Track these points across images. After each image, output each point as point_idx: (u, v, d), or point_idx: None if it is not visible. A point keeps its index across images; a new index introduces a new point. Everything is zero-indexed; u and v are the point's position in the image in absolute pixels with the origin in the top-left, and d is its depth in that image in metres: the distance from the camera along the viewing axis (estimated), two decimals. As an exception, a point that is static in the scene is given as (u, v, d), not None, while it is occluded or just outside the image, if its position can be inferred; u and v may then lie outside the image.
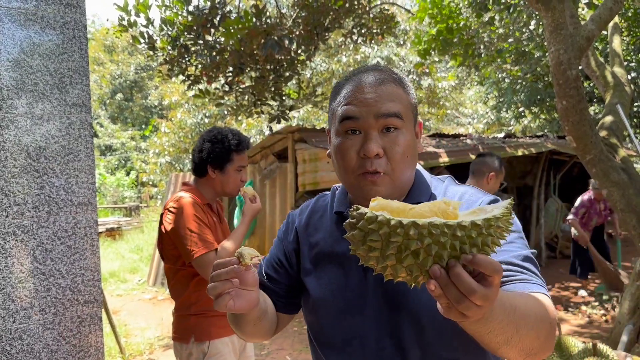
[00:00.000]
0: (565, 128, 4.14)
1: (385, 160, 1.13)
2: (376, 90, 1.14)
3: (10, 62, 1.84)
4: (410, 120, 1.17)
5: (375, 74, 1.18)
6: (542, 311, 0.95)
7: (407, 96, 1.18)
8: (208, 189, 2.63)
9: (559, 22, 3.87)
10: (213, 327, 2.48)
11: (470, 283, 0.73)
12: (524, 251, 1.08)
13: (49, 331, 1.93)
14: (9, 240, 1.82)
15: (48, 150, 1.90)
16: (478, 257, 0.73)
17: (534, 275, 1.05)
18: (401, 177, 1.15)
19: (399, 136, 1.14)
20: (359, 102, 1.13)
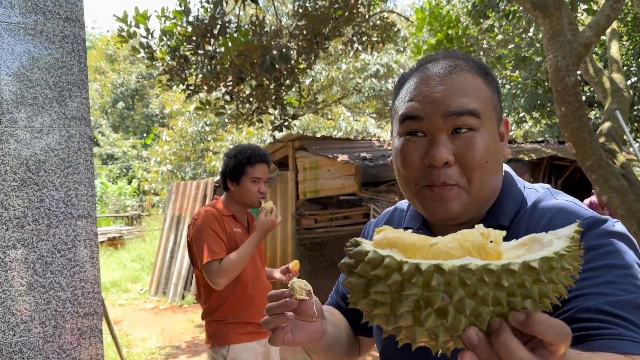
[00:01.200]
0: (565, 134, 4.14)
1: (458, 169, 0.90)
2: (446, 82, 0.91)
3: (10, 76, 1.86)
4: (491, 118, 0.93)
5: (446, 62, 0.95)
6: None
7: (488, 88, 0.94)
8: (232, 201, 2.82)
9: (557, 29, 3.88)
10: (232, 333, 2.64)
11: (522, 355, 0.52)
12: (629, 296, 0.76)
13: (49, 344, 1.93)
14: (9, 253, 1.82)
15: (48, 163, 1.91)
16: (535, 317, 0.52)
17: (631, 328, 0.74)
18: (481, 189, 0.91)
19: (475, 138, 0.90)
20: (423, 98, 0.92)
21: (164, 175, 17.18)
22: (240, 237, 2.69)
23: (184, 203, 8.67)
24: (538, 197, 0.96)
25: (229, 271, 2.58)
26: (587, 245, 0.81)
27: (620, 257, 0.81)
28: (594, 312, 0.75)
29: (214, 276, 2.54)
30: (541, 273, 0.53)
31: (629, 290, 0.77)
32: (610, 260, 0.80)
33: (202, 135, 16.46)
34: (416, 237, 0.59)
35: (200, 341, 6.12)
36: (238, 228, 2.76)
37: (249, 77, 5.82)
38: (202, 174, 16.10)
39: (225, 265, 2.54)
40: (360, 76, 15.72)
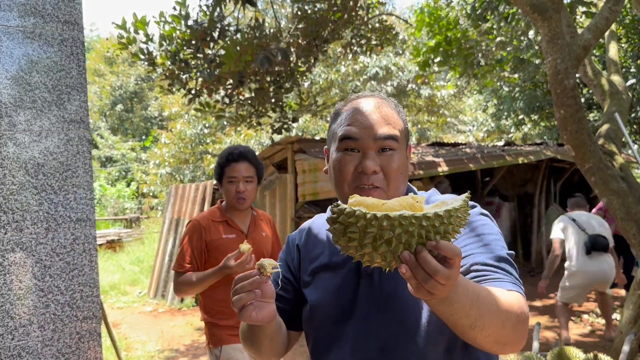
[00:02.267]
0: (564, 137, 4.14)
1: (382, 176, 1.25)
2: (375, 114, 1.27)
3: (9, 79, 1.86)
4: (403, 142, 1.30)
5: (374, 99, 1.32)
6: (508, 304, 1.04)
7: (401, 121, 1.31)
8: (227, 205, 2.81)
9: (556, 32, 3.89)
10: (224, 334, 2.67)
11: (434, 265, 0.85)
12: (501, 252, 1.18)
13: (48, 348, 1.92)
14: (8, 256, 1.82)
15: (47, 166, 1.90)
16: (441, 243, 0.86)
17: (508, 274, 1.14)
18: (395, 191, 1.27)
19: (394, 156, 1.26)
20: (359, 124, 1.26)
21: (162, 178, 17.17)
22: (233, 243, 2.65)
23: (183, 206, 8.66)
24: (431, 192, 1.37)
25: (181, 288, 2.66)
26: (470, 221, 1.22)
27: (489, 229, 1.24)
28: (482, 264, 1.15)
29: (174, 285, 2.73)
30: (445, 218, 0.87)
31: (500, 248, 1.19)
32: (484, 230, 1.23)
33: (201, 137, 16.46)
34: (374, 200, 0.93)
35: (199, 344, 6.11)
36: (231, 234, 2.73)
37: (248, 80, 5.82)
38: (201, 176, 16.09)
39: (182, 281, 2.65)
40: (359, 79, 15.73)
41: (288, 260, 1.47)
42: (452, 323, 1.00)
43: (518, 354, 2.44)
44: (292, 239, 1.51)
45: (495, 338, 1.03)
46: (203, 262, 2.69)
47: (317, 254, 1.40)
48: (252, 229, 2.80)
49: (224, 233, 2.70)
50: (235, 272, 2.48)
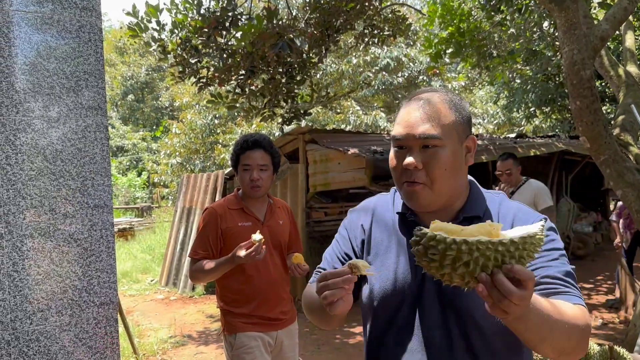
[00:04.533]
0: (579, 128, 4.10)
1: (425, 173, 1.30)
2: (418, 111, 1.33)
3: (27, 65, 1.86)
4: (452, 137, 1.32)
5: (423, 96, 1.36)
6: (575, 319, 1.13)
7: (451, 115, 1.33)
8: (242, 191, 2.82)
9: (573, 22, 3.84)
10: (239, 322, 2.68)
11: (508, 286, 0.94)
12: (567, 267, 1.25)
13: (66, 333, 1.94)
14: (26, 242, 1.83)
15: (64, 152, 1.91)
16: (515, 267, 0.94)
17: (574, 288, 1.22)
18: (441, 187, 1.32)
19: (437, 152, 1.30)
20: (404, 124, 1.34)
21: (173, 168, 17.20)
22: (249, 231, 2.63)
23: (194, 195, 8.69)
24: (500, 198, 1.42)
25: (196, 275, 2.70)
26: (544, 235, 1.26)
27: (557, 244, 1.30)
28: (552, 278, 1.22)
29: (189, 272, 2.77)
30: (520, 245, 0.95)
31: (566, 263, 1.26)
32: (553, 245, 1.28)
33: (212, 128, 16.46)
34: (454, 226, 1.00)
35: (210, 331, 6.16)
36: (247, 222, 2.72)
37: (260, 70, 5.80)
38: (212, 166, 16.12)
39: (196, 268, 2.68)
40: (370, 70, 15.64)
41: (351, 237, 1.52)
42: (524, 338, 1.10)
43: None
44: (357, 217, 1.55)
45: (561, 350, 1.13)
46: (219, 250, 2.70)
47: (382, 238, 1.45)
48: (269, 217, 2.79)
49: (240, 221, 2.70)
50: (246, 262, 2.49)
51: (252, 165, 2.68)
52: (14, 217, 1.82)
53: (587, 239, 10.05)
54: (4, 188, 1.79)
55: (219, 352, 5.39)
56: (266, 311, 2.68)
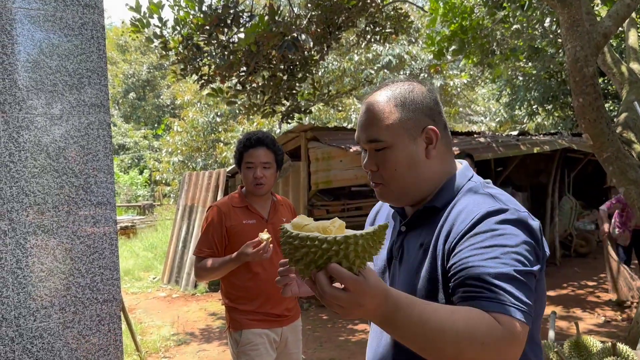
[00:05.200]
0: (582, 126, 4.10)
1: (379, 174, 1.30)
2: (363, 116, 1.31)
3: (30, 62, 1.86)
4: (400, 135, 1.26)
5: (369, 100, 1.32)
6: (475, 331, 0.98)
7: (396, 113, 1.27)
8: (246, 189, 2.82)
9: (575, 19, 3.83)
10: (244, 319, 2.68)
11: (322, 286, 0.93)
12: (505, 269, 1.05)
13: (69, 330, 1.95)
14: (30, 239, 1.84)
15: (67, 150, 1.91)
16: (331, 267, 0.92)
17: (505, 295, 1.03)
18: (399, 186, 1.29)
19: (386, 154, 1.27)
20: (358, 127, 1.33)
21: (175, 166, 17.22)
22: (253, 229, 2.65)
23: (196, 193, 8.70)
24: (470, 187, 1.27)
25: (200, 273, 2.71)
26: (485, 228, 1.11)
27: (509, 239, 1.09)
28: (476, 279, 1.05)
29: (194, 270, 2.79)
30: (342, 243, 0.91)
31: (508, 264, 1.05)
32: (499, 241, 1.09)
33: (213, 126, 16.46)
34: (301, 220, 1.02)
35: (213, 329, 6.16)
36: (251, 219, 2.72)
37: (262, 68, 5.80)
38: (213, 164, 16.12)
39: (201, 266, 2.68)
40: (372, 67, 15.63)
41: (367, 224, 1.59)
42: (405, 344, 1.03)
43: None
44: (375, 206, 1.63)
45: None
46: (223, 248, 2.70)
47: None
48: (272, 215, 2.79)
49: (244, 219, 2.70)
50: (253, 260, 2.49)
51: (256, 163, 2.68)
52: (18, 214, 1.82)
53: (589, 236, 10.03)
54: (7, 185, 1.79)
55: (222, 350, 5.40)
56: (271, 308, 2.69)
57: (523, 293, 1.04)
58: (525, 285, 1.05)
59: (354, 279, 0.92)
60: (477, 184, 1.29)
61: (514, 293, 1.03)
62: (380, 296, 0.95)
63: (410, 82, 1.34)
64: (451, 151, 1.35)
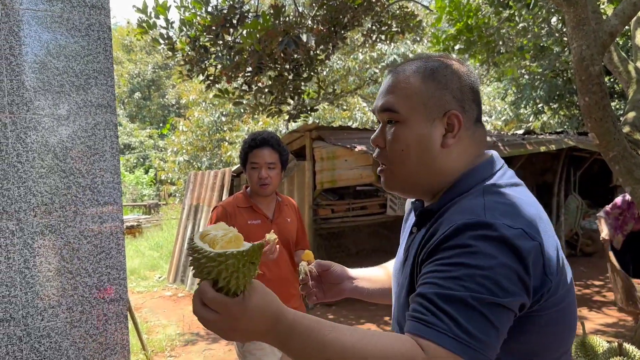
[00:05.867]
0: (588, 125, 4.08)
1: (385, 153, 1.14)
2: (386, 82, 1.16)
3: (37, 64, 1.87)
4: (418, 112, 1.09)
5: (399, 66, 1.17)
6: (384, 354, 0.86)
7: (421, 85, 1.10)
8: (250, 189, 2.82)
9: (581, 18, 3.82)
10: None
11: (194, 304, 0.88)
12: (461, 293, 0.88)
13: (76, 329, 1.96)
14: (37, 239, 1.85)
15: (74, 150, 1.93)
16: (201, 284, 0.87)
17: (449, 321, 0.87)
18: (401, 172, 1.12)
19: (396, 129, 1.11)
20: (378, 95, 1.17)
21: (180, 165, 17.27)
22: (258, 229, 2.65)
23: (201, 192, 8.72)
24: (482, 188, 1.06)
25: None
26: (457, 243, 0.93)
27: (481, 259, 0.90)
28: (425, 298, 0.91)
29: None
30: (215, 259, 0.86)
31: (466, 288, 0.88)
32: (468, 259, 0.90)
33: (218, 125, 16.50)
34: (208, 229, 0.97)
35: (218, 329, 6.18)
36: (255, 220, 2.73)
37: (267, 68, 5.81)
38: (218, 164, 16.15)
39: None
40: (377, 66, 15.62)
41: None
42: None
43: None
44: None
45: None
46: None
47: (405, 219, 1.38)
48: (277, 215, 2.80)
49: (249, 219, 2.71)
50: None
51: (260, 164, 2.69)
52: (25, 214, 1.83)
53: (595, 235, 9.99)
54: (15, 185, 1.80)
55: (228, 349, 5.41)
56: None
57: (474, 324, 0.87)
58: (482, 316, 0.88)
59: (219, 301, 0.85)
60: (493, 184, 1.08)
61: (459, 321, 0.87)
62: (267, 319, 0.88)
63: (450, 59, 1.16)
64: (480, 148, 1.15)
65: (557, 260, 0.98)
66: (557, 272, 0.97)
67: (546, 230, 0.99)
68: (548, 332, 0.99)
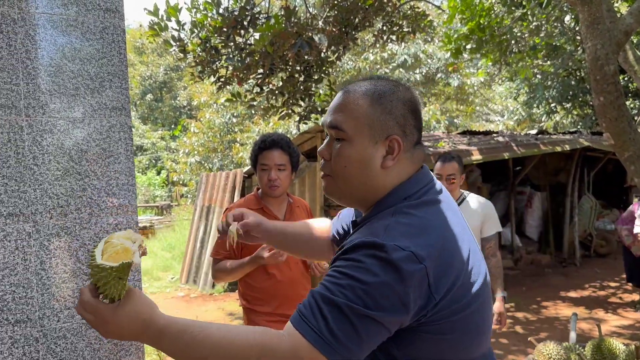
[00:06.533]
0: (603, 125, 4.04)
1: (330, 165, 1.23)
2: (337, 100, 1.24)
3: (53, 67, 1.89)
4: (363, 134, 1.18)
5: (350, 85, 1.25)
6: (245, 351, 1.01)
7: (368, 108, 1.19)
8: (261, 191, 2.83)
9: (596, 17, 3.78)
10: (262, 320, 2.69)
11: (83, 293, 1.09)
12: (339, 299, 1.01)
13: (92, 330, 1.97)
14: (53, 241, 1.86)
15: (89, 153, 1.94)
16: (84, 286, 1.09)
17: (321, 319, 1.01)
18: (341, 185, 1.23)
19: (343, 147, 1.20)
20: (328, 109, 1.26)
21: (192, 166, 17.36)
22: None
23: (213, 193, 8.75)
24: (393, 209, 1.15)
25: (218, 275, 2.73)
26: (351, 256, 1.05)
27: (365, 274, 1.01)
28: (312, 296, 1.04)
29: (211, 272, 2.82)
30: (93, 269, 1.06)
31: (345, 296, 1.00)
32: (355, 273, 1.02)
33: (229, 126, 16.57)
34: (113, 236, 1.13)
35: (230, 330, 6.20)
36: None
37: (279, 69, 5.82)
38: (230, 164, 16.21)
39: (218, 268, 2.70)
40: (387, 67, 15.59)
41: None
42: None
43: (556, 344, 2.41)
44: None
45: None
46: (240, 250, 2.71)
47: None
48: (289, 216, 2.80)
49: None
50: (268, 263, 2.51)
51: (270, 165, 2.69)
52: (41, 216, 1.84)
53: (609, 236, 9.90)
54: (31, 188, 1.82)
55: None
56: (288, 309, 2.69)
57: (341, 328, 0.99)
58: (350, 324, 0.99)
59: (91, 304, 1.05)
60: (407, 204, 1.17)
61: (329, 322, 1.00)
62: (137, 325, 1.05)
63: (398, 84, 1.24)
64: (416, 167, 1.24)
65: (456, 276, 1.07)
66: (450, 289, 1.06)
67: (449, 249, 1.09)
68: (442, 340, 1.09)
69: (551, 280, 8.15)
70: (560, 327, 5.84)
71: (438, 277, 1.04)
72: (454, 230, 1.13)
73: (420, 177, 1.22)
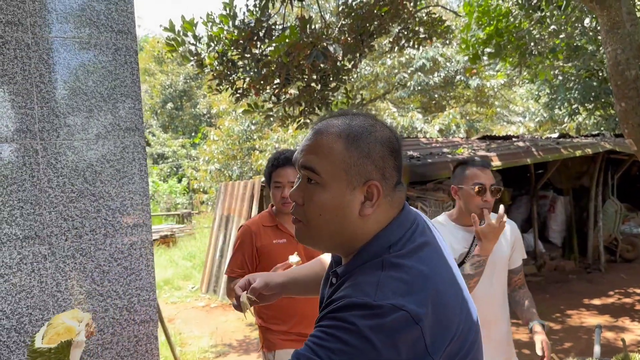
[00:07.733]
0: (625, 131, 3.95)
1: (302, 210, 1.14)
2: (310, 139, 1.15)
3: (66, 90, 1.91)
4: (339, 179, 1.09)
5: (321, 125, 1.16)
6: None
7: (344, 152, 1.10)
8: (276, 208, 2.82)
9: (616, 21, 3.71)
10: (278, 339, 2.68)
11: None
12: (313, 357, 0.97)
13: (108, 351, 1.98)
14: (69, 262, 1.88)
15: (104, 174, 1.95)
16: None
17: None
18: (315, 232, 1.14)
19: (316, 192, 1.11)
20: (299, 147, 1.17)
21: (212, 174, 17.47)
22: (284, 248, 2.64)
23: (232, 203, 8.79)
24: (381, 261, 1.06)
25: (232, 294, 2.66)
26: (342, 316, 0.97)
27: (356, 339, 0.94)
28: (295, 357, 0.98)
29: (227, 291, 2.87)
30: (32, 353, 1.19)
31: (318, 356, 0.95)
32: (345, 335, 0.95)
33: (248, 134, 16.64)
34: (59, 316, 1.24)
35: (251, 340, 6.20)
36: (281, 239, 2.72)
37: (295, 79, 5.82)
38: (249, 172, 16.28)
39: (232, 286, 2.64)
40: (405, 71, 15.52)
41: None
42: None
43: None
44: None
45: None
46: (254, 268, 2.70)
47: None
48: None
49: (274, 238, 2.70)
50: None
51: (284, 183, 2.68)
52: (57, 238, 1.86)
53: (635, 240, 9.68)
54: (46, 210, 1.83)
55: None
56: (304, 328, 2.67)
57: None
58: None
59: None
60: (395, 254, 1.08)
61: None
62: None
63: (375, 122, 1.16)
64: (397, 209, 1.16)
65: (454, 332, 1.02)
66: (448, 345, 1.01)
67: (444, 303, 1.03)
68: None
69: (575, 286, 8.00)
70: (584, 336, 5.71)
71: (435, 336, 0.99)
72: (445, 277, 1.08)
73: (402, 221, 1.14)
